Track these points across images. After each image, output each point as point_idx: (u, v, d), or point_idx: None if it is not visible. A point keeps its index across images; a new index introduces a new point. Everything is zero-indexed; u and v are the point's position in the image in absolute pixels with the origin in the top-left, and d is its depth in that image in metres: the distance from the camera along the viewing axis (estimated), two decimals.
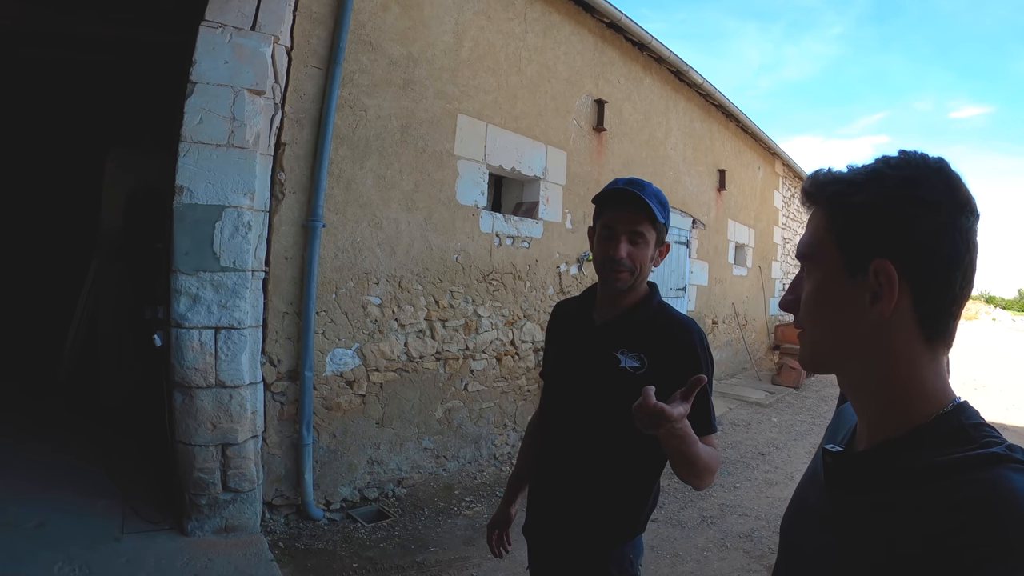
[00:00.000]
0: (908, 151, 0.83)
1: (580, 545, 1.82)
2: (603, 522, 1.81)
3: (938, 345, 0.82)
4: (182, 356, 3.74)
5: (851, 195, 0.83)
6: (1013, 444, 0.74)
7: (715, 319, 10.77)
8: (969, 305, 13.33)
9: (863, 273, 0.81)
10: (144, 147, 6.33)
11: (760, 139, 12.00)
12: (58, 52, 5.61)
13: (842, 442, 0.95)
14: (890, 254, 0.79)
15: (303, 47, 4.27)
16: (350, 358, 4.70)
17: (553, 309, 2.12)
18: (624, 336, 1.79)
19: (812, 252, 0.89)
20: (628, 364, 1.75)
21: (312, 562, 3.91)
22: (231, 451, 3.90)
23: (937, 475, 0.73)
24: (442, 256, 5.31)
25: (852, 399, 0.91)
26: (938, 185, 0.79)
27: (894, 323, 0.80)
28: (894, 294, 0.79)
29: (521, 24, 6.02)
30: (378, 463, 4.94)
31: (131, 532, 3.75)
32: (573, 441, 1.83)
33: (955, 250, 0.78)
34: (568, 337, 1.95)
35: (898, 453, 0.79)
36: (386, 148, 4.82)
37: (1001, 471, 0.69)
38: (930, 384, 0.81)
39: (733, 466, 6.30)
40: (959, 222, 0.78)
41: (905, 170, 0.81)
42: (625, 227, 1.76)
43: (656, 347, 1.75)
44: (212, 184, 3.77)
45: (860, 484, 0.84)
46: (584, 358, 1.84)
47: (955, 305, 0.81)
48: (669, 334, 1.77)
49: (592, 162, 7.10)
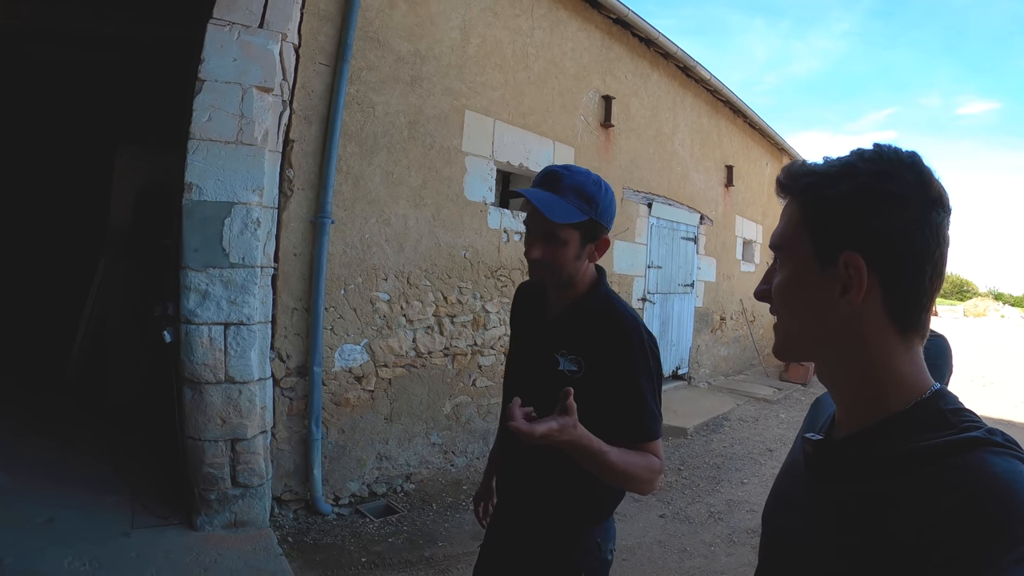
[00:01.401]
0: (882, 145, 0.84)
1: (539, 530, 1.81)
2: (559, 507, 1.78)
3: (912, 335, 0.82)
4: (192, 352, 3.76)
5: (824, 188, 0.84)
6: (992, 428, 0.75)
7: (723, 315, 10.76)
8: (978, 302, 13.42)
9: (833, 265, 0.82)
10: (152, 144, 6.36)
11: (768, 135, 11.96)
12: (66, 51, 5.64)
13: (821, 431, 0.96)
14: (860, 247, 0.80)
15: (311, 44, 4.27)
16: (359, 354, 4.72)
17: (516, 290, 2.08)
18: (566, 336, 1.75)
19: (785, 243, 0.90)
20: (566, 367, 1.72)
21: (321, 556, 3.93)
22: (240, 446, 3.92)
23: (918, 461, 0.74)
24: (450, 252, 5.32)
25: (829, 387, 0.92)
26: (909, 179, 0.80)
27: (865, 314, 0.81)
28: (863, 286, 0.80)
29: (528, 20, 6.01)
30: (387, 458, 4.96)
31: (140, 527, 3.77)
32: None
33: (925, 244, 0.79)
34: (525, 329, 1.95)
35: (877, 440, 0.80)
36: (394, 145, 4.82)
37: (981, 454, 0.70)
38: (906, 372, 0.82)
39: (741, 462, 6.31)
40: (929, 216, 0.79)
41: (877, 164, 0.81)
42: (538, 229, 1.70)
43: (593, 349, 1.70)
44: (221, 181, 3.78)
45: (840, 472, 0.85)
46: (532, 356, 1.83)
47: (925, 297, 0.81)
48: (605, 335, 1.70)
49: (600, 158, 7.10)
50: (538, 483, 1.80)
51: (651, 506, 5.04)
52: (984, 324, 32.23)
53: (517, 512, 1.89)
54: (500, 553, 1.95)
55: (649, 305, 8.35)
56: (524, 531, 1.85)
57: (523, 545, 1.85)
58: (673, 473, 5.86)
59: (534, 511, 1.83)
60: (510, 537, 1.91)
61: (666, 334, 8.90)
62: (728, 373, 10.88)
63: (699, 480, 5.71)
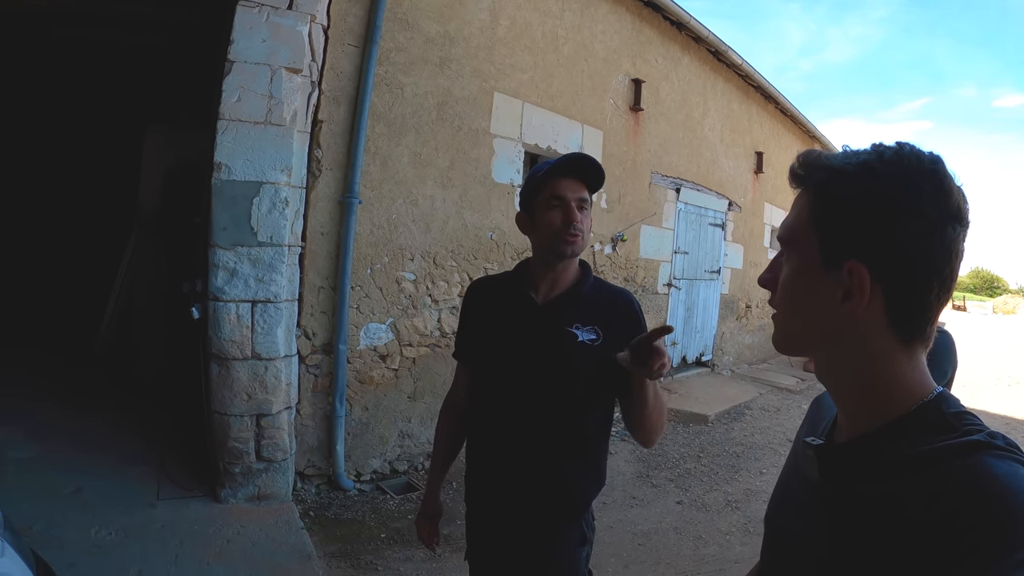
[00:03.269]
0: (904, 146, 0.80)
1: (552, 514, 1.84)
2: (575, 488, 1.84)
3: (914, 344, 0.81)
4: (219, 328, 3.83)
5: (837, 187, 0.81)
6: (994, 431, 0.74)
7: (748, 303, 10.68)
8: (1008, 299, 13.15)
9: (838, 270, 0.80)
10: (182, 124, 6.44)
11: (799, 122, 11.78)
12: (94, 32, 5.70)
13: (822, 434, 0.94)
14: (866, 256, 0.78)
15: (339, 25, 4.29)
16: (384, 332, 4.77)
17: (470, 287, 2.10)
18: (575, 312, 1.84)
19: (792, 237, 0.88)
20: (586, 337, 1.81)
21: (341, 531, 4.00)
22: (265, 421, 3.99)
23: (920, 465, 0.73)
24: (476, 233, 5.34)
25: (829, 388, 0.91)
26: (927, 189, 0.76)
27: (866, 322, 0.80)
28: (864, 297, 0.78)
29: (558, 2, 5.97)
30: (409, 436, 5.02)
31: (166, 499, 3.87)
32: (532, 419, 1.81)
33: (935, 259, 0.76)
34: (504, 318, 1.90)
35: (880, 444, 0.79)
36: (422, 126, 4.84)
37: (983, 458, 0.70)
38: (907, 376, 0.81)
39: (760, 451, 6.29)
40: (944, 230, 0.76)
41: (896, 167, 0.78)
42: (574, 195, 1.82)
43: (607, 319, 1.84)
44: (250, 161, 3.83)
45: (843, 476, 0.83)
46: (533, 337, 1.83)
47: (930, 311, 0.79)
48: (617, 306, 1.89)
49: (628, 142, 7.06)
50: (551, 474, 1.81)
51: (669, 492, 5.05)
52: (1013, 322, 31.57)
53: (526, 509, 1.84)
54: (494, 560, 1.96)
55: (675, 291, 8.31)
56: (531, 527, 1.85)
57: (526, 543, 1.86)
58: (692, 460, 5.86)
59: (550, 501, 1.82)
60: (510, 539, 1.89)
61: (691, 320, 8.86)
62: (752, 361, 10.81)
63: (718, 468, 5.70)
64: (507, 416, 1.85)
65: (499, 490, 1.89)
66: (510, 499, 1.86)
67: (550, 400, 1.80)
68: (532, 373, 1.81)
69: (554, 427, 1.81)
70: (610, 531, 4.21)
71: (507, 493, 1.86)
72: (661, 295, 8.03)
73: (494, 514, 1.92)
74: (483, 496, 1.95)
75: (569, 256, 1.82)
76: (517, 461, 1.83)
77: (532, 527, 1.84)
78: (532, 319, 1.85)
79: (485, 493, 1.94)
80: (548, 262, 1.85)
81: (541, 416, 1.81)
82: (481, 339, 1.95)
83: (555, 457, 1.81)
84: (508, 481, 1.85)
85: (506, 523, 1.88)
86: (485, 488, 1.94)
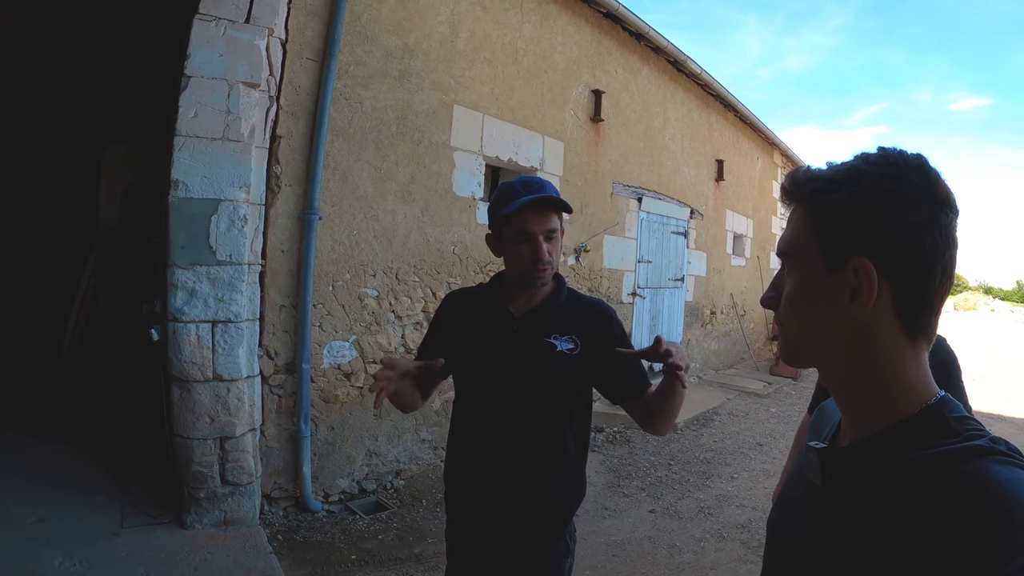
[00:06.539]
0: (887, 148, 0.83)
1: (536, 525, 1.84)
2: (557, 499, 1.86)
3: (920, 340, 0.82)
4: (179, 350, 3.74)
5: (830, 193, 0.83)
6: (996, 436, 0.75)
7: (713, 309, 10.77)
8: (968, 296, 13.56)
9: (843, 271, 0.81)
10: (141, 143, 6.32)
11: (759, 129, 11.97)
12: (54, 49, 5.61)
13: (826, 439, 0.95)
14: (869, 252, 0.79)
15: (298, 39, 4.25)
16: (347, 350, 4.70)
17: (446, 298, 2.11)
18: (552, 323, 1.87)
19: (792, 250, 0.89)
20: (564, 347, 1.85)
21: (311, 554, 3.92)
22: (229, 444, 3.90)
23: (922, 469, 0.74)
24: (439, 248, 5.30)
25: (835, 395, 0.91)
26: (917, 181, 0.79)
27: (875, 320, 0.81)
28: (873, 291, 0.79)
29: (518, 14, 5.99)
30: (376, 455, 4.95)
31: (130, 526, 3.75)
32: (513, 430, 1.83)
33: (935, 247, 0.78)
34: (482, 330, 1.91)
35: (883, 448, 0.80)
36: (382, 140, 4.80)
37: (985, 463, 0.70)
38: (913, 378, 0.82)
39: (731, 457, 6.32)
40: (938, 218, 0.78)
41: (883, 167, 0.80)
42: (541, 228, 1.81)
43: (584, 329, 1.88)
44: (207, 178, 3.76)
45: (844, 479, 0.84)
46: (512, 349, 1.85)
47: (935, 300, 0.81)
48: (593, 317, 1.93)
49: (590, 152, 7.09)
50: (534, 482, 1.83)
51: (641, 501, 5.04)
52: (974, 318, 32.39)
53: (511, 518, 1.85)
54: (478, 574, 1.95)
55: (639, 300, 8.33)
56: (516, 536, 1.85)
57: (511, 553, 1.86)
58: (663, 468, 5.87)
59: (534, 510, 1.84)
60: (492, 550, 1.89)
61: (656, 328, 8.88)
62: (718, 367, 10.90)
63: (689, 475, 5.72)
64: (488, 428, 1.87)
65: (482, 501, 1.89)
66: (493, 510, 1.86)
67: (531, 411, 1.82)
68: (513, 385, 1.83)
69: (536, 438, 1.83)
70: (584, 543, 4.17)
71: (490, 504, 1.87)
72: (626, 304, 8.05)
73: (477, 526, 1.92)
74: (466, 508, 1.95)
75: (539, 287, 1.87)
76: (500, 472, 1.85)
77: (516, 538, 1.85)
78: (510, 331, 1.87)
79: (468, 505, 1.94)
80: (520, 286, 1.89)
81: (523, 427, 1.82)
82: (458, 352, 1.94)
83: (537, 466, 1.83)
84: (491, 492, 1.86)
85: (490, 535, 1.88)
86: (468, 500, 1.94)
